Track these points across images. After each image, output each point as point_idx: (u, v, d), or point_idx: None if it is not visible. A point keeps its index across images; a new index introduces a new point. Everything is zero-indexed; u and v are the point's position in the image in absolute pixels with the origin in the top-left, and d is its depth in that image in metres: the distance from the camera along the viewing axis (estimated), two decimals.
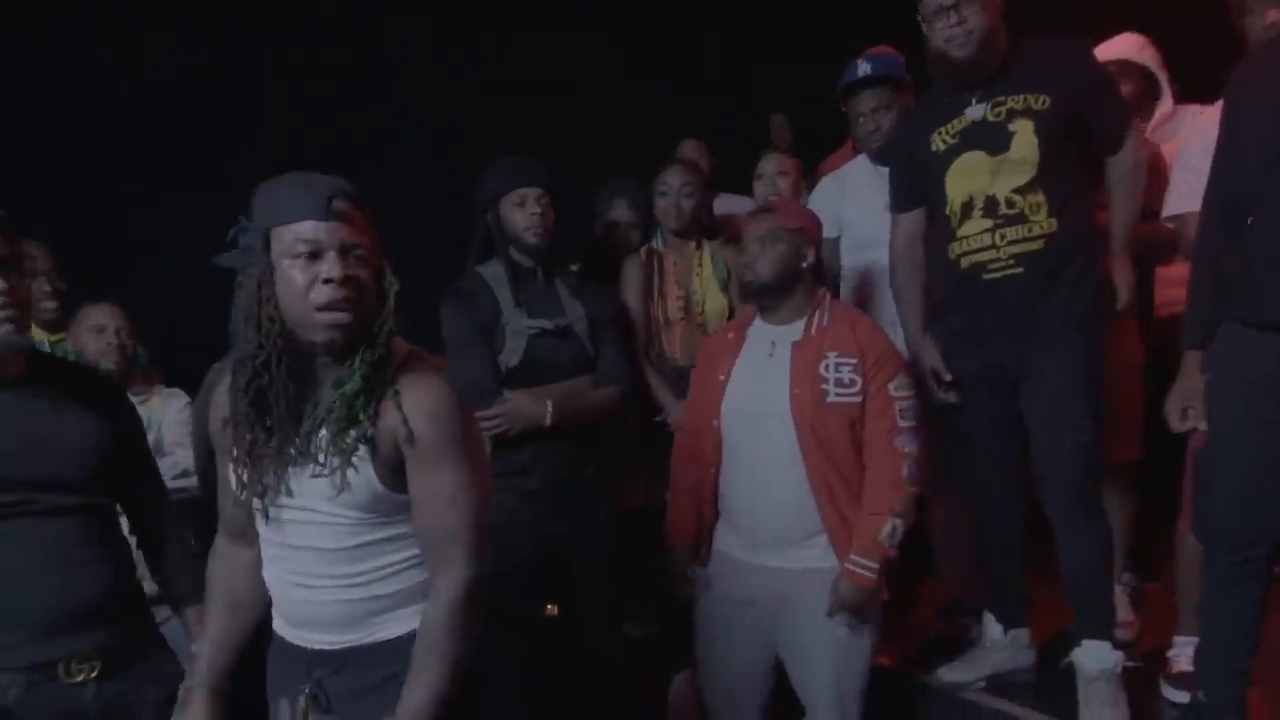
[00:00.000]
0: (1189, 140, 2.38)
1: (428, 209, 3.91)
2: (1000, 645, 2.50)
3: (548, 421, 2.35)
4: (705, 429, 2.22)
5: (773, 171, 2.95)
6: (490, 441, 2.36)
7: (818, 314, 2.18)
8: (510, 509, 2.35)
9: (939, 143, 2.33)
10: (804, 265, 2.18)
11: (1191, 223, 2.21)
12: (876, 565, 2.05)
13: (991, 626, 2.53)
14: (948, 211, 2.33)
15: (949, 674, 2.50)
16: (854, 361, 2.09)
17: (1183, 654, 2.38)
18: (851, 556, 2.06)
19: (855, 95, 2.67)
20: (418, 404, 1.40)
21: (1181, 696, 2.29)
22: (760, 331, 2.24)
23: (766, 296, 2.19)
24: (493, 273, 2.46)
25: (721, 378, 2.21)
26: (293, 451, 1.40)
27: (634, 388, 2.59)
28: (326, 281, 1.35)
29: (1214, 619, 2.06)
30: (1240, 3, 2.22)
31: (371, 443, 1.39)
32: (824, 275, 2.73)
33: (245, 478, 1.43)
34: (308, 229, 1.36)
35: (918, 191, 2.43)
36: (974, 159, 2.27)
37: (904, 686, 2.60)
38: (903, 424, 2.09)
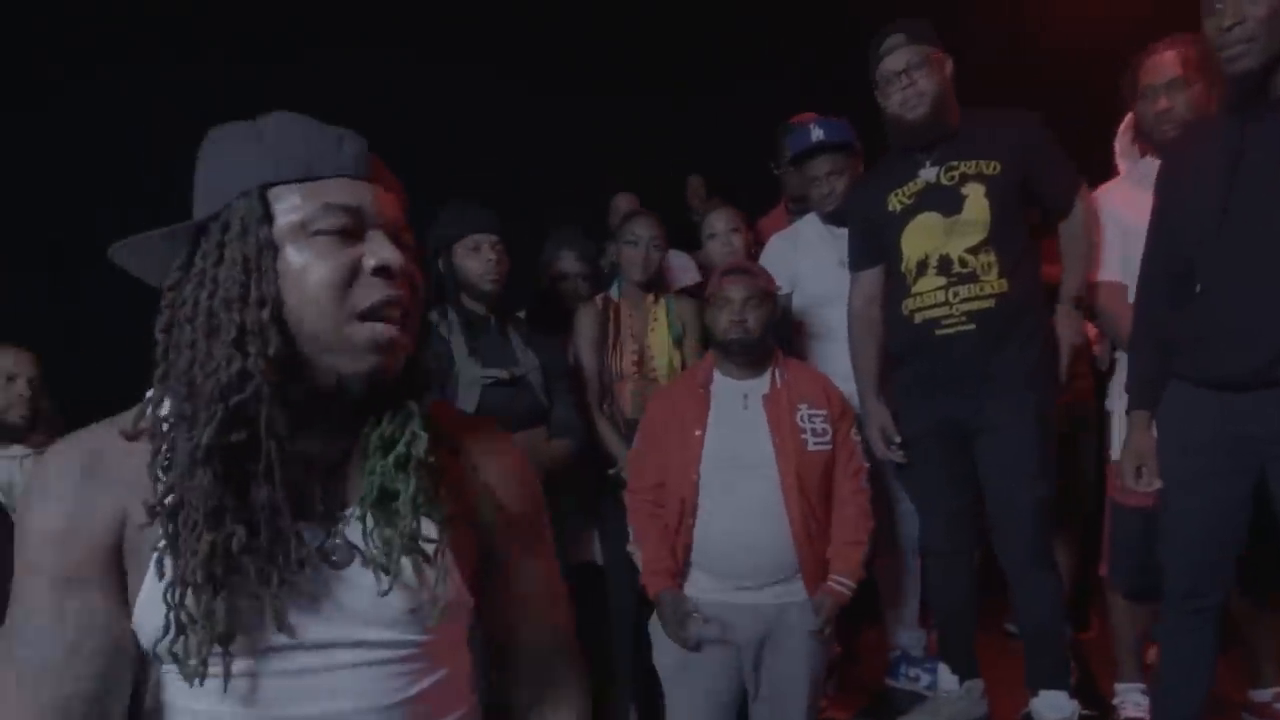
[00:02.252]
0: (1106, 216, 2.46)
1: None
2: (956, 696, 2.50)
3: None
4: (681, 481, 2.21)
5: (725, 229, 2.97)
6: None
7: (778, 369, 2.28)
8: None
9: (895, 203, 2.40)
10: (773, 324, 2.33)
11: (1101, 290, 2.40)
12: (855, 585, 2.19)
13: (946, 678, 2.54)
14: (903, 269, 2.40)
15: None
16: (824, 412, 2.24)
17: (1128, 700, 2.46)
18: (834, 577, 2.18)
19: (811, 160, 2.74)
20: (506, 469, 1.02)
21: None
22: (727, 386, 2.28)
23: (753, 353, 2.26)
24: (444, 320, 2.38)
25: (698, 432, 2.21)
26: (296, 561, 0.85)
27: (586, 440, 2.54)
28: (378, 271, 0.87)
29: (1170, 666, 2.10)
30: (1133, 87, 2.36)
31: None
32: (780, 329, 2.78)
33: (193, 610, 0.83)
34: (342, 190, 0.88)
35: (875, 251, 2.49)
36: (929, 220, 2.35)
37: None
38: (863, 465, 2.30)
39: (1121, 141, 2.69)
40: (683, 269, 3.06)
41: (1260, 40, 1.75)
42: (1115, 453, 2.33)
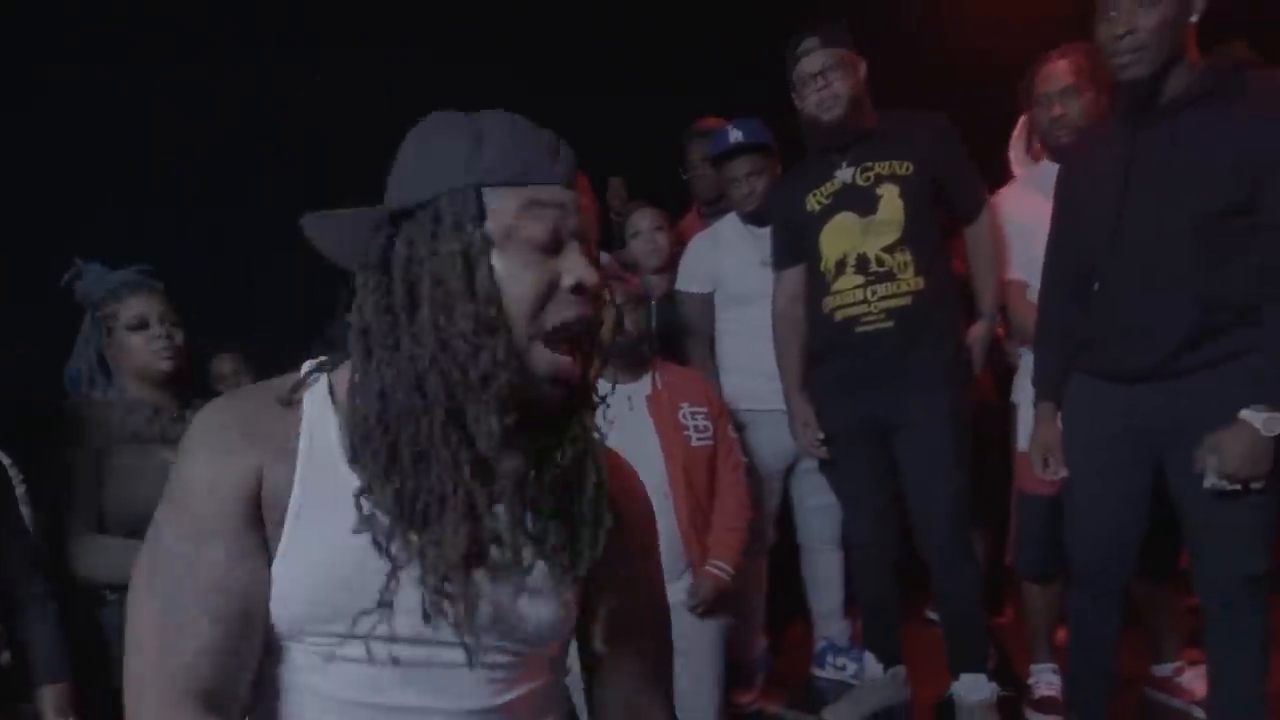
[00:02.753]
0: (1009, 216, 2.55)
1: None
2: (881, 683, 2.57)
3: None
4: None
5: (650, 227, 2.99)
6: None
7: (657, 371, 2.38)
8: None
9: (813, 204, 2.46)
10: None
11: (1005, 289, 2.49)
12: (732, 570, 2.27)
13: (872, 665, 2.60)
14: (823, 268, 2.45)
15: (833, 715, 2.55)
16: (704, 409, 2.36)
17: (1041, 680, 2.55)
18: (712, 561, 2.25)
19: (730, 161, 2.77)
20: (627, 480, 1.03)
21: None
22: (603, 388, 2.30)
23: (632, 356, 2.34)
24: None
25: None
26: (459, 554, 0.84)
27: None
28: (576, 290, 0.85)
29: (1080, 648, 2.20)
30: (1029, 94, 2.45)
31: None
32: (700, 328, 2.81)
33: (383, 585, 0.84)
34: (553, 198, 0.86)
35: (796, 250, 2.54)
36: (846, 220, 2.40)
37: None
38: (742, 460, 2.42)
39: (1016, 146, 2.82)
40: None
41: (1151, 49, 1.82)
42: (1022, 443, 2.42)
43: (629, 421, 2.26)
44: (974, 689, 2.38)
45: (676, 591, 2.20)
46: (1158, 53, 1.82)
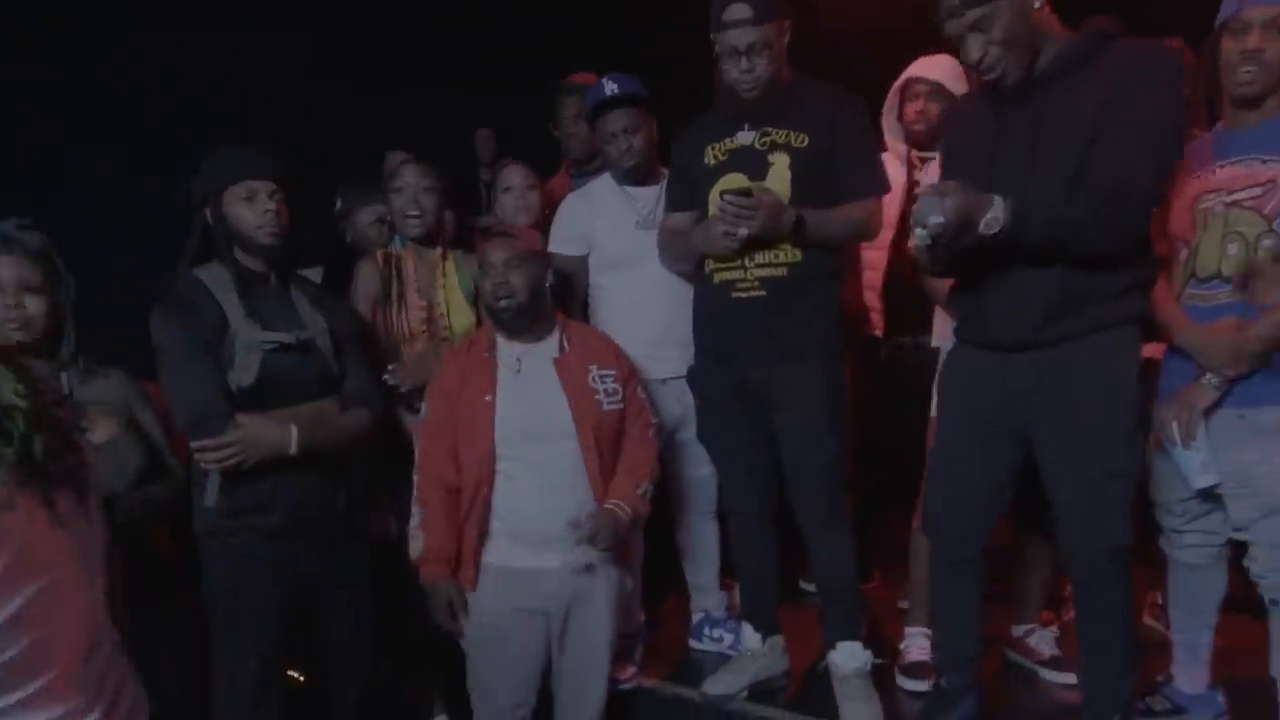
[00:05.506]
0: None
1: (118, 202, 3.30)
2: (759, 654, 2.56)
3: (292, 449, 2.06)
4: (476, 452, 2.18)
5: (522, 184, 2.84)
6: (220, 476, 2.03)
7: (563, 332, 2.29)
8: (248, 552, 2.07)
9: (710, 157, 2.39)
10: (547, 286, 2.30)
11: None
12: (630, 511, 2.21)
13: (750, 636, 2.59)
14: None
15: (713, 686, 2.52)
16: (614, 372, 2.29)
17: (914, 645, 2.60)
18: (612, 500, 2.20)
19: (606, 115, 2.63)
20: None
21: (916, 685, 2.50)
22: (512, 351, 2.28)
23: (523, 318, 2.23)
24: (214, 277, 2.11)
25: (489, 398, 2.19)
26: None
27: (383, 410, 2.35)
28: None
29: (943, 612, 2.26)
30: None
31: None
32: (574, 292, 2.69)
33: None
34: None
35: (689, 199, 2.47)
36: (735, 180, 2.33)
37: (670, 703, 2.60)
38: (653, 421, 2.37)
39: (888, 117, 2.89)
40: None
41: (1006, 61, 1.84)
42: (934, 409, 2.39)
43: (535, 384, 2.22)
44: (850, 657, 2.40)
45: (589, 555, 2.17)
46: (1016, 61, 1.85)
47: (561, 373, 2.23)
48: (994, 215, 1.77)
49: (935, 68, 2.81)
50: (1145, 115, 1.78)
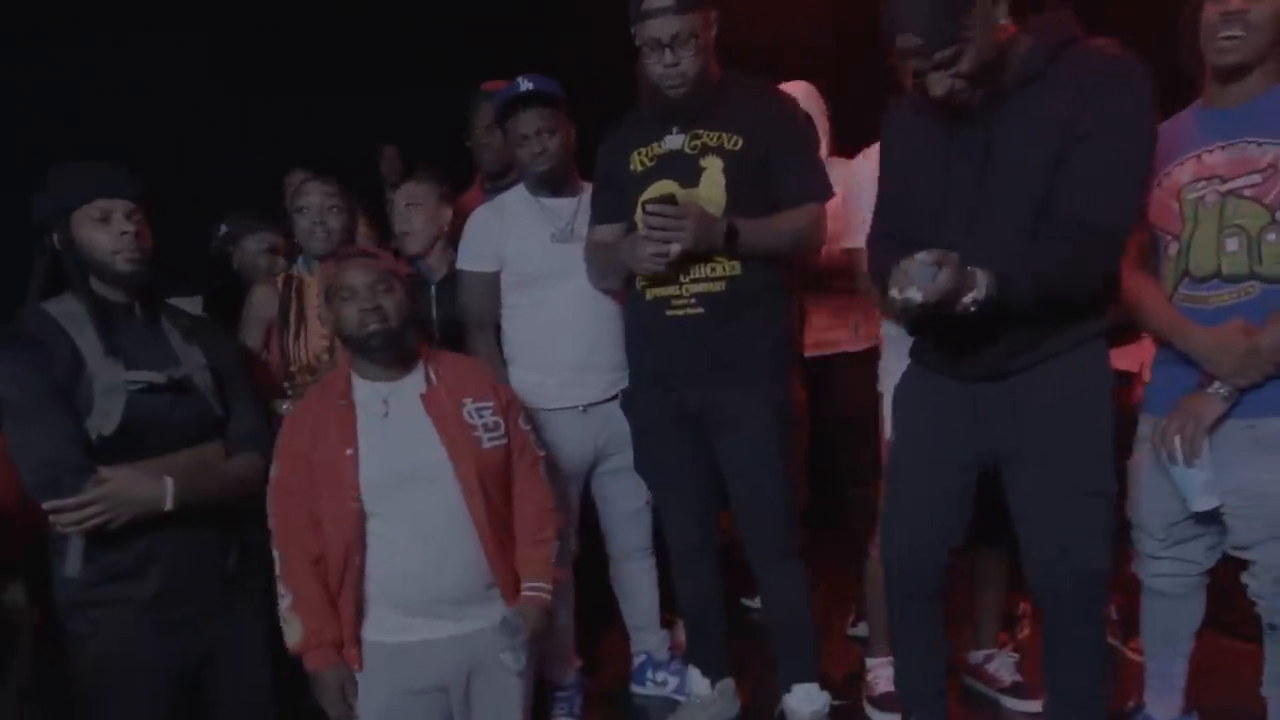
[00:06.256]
0: (862, 183, 2.30)
1: None
2: (709, 699, 2.37)
3: (168, 504, 1.78)
4: (340, 514, 1.84)
5: (431, 199, 2.59)
6: (82, 540, 1.74)
7: (429, 363, 1.98)
8: (121, 626, 1.78)
9: (637, 164, 2.19)
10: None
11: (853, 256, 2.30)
12: (550, 587, 1.97)
13: (698, 681, 2.39)
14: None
15: None
16: (490, 404, 1.98)
17: (880, 676, 2.43)
18: (529, 584, 1.95)
19: (517, 115, 2.38)
20: None
21: (888, 719, 2.33)
22: (372, 392, 1.92)
23: (394, 348, 1.92)
24: (66, 311, 1.81)
25: (349, 451, 1.84)
26: None
27: None
28: None
29: (906, 649, 2.08)
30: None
31: None
32: (484, 314, 2.44)
33: None
34: None
35: (616, 209, 2.26)
36: (665, 188, 2.13)
37: None
38: (539, 454, 2.06)
39: None
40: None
41: (971, 91, 1.67)
42: (889, 433, 2.25)
43: (401, 427, 1.88)
44: (806, 700, 2.24)
45: (486, 615, 1.89)
46: (983, 85, 1.68)
47: (431, 409, 1.91)
48: (975, 296, 1.60)
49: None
50: (1121, 143, 1.64)
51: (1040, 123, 1.67)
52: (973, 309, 1.60)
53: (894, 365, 2.30)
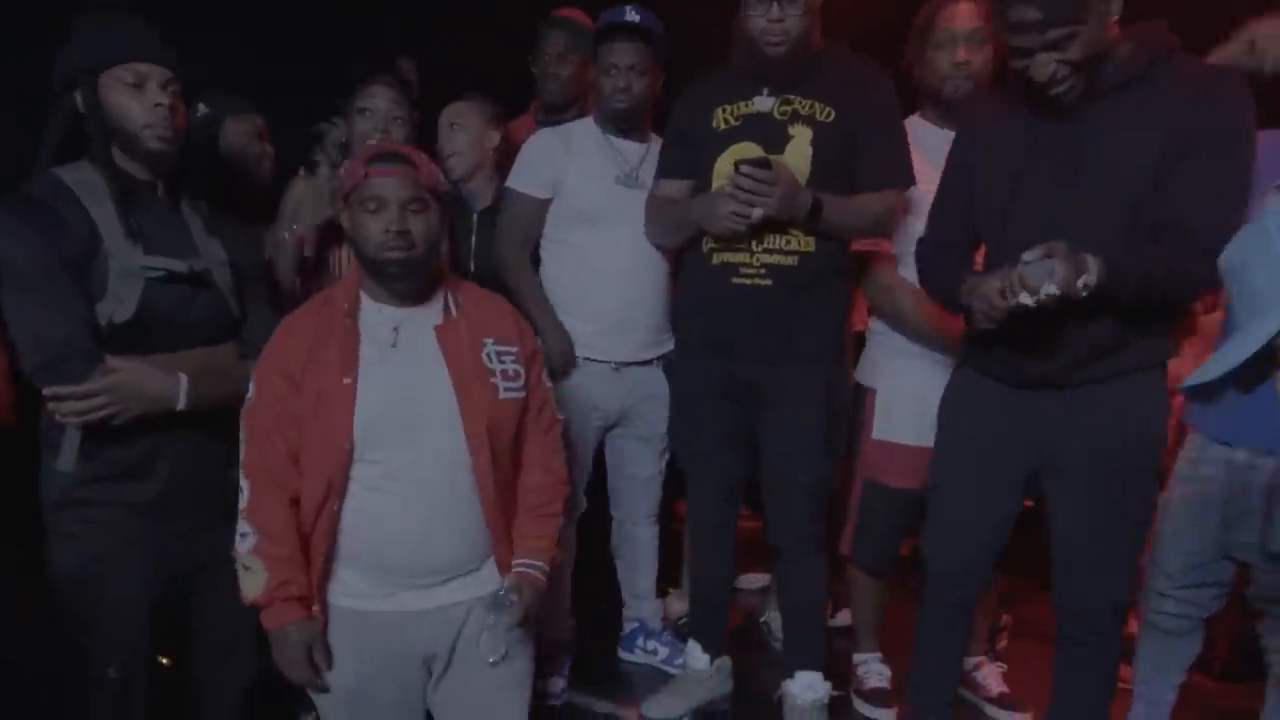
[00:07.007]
0: None
1: None
2: (705, 675, 2.29)
3: (180, 403, 1.64)
4: (326, 452, 1.57)
5: (480, 121, 2.42)
6: (80, 432, 1.59)
7: (451, 293, 1.70)
8: (111, 530, 1.65)
9: (720, 121, 2.06)
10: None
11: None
12: (549, 568, 1.73)
13: (698, 656, 2.31)
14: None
15: (653, 710, 2.25)
16: (514, 350, 1.70)
17: (870, 671, 2.40)
18: (524, 560, 1.70)
19: (613, 44, 2.20)
20: None
21: (880, 714, 2.30)
22: (382, 317, 1.65)
23: (416, 278, 1.64)
24: (83, 181, 1.63)
25: (347, 381, 1.58)
26: None
27: None
28: None
29: (929, 651, 2.04)
30: (925, 35, 2.17)
31: None
32: (525, 239, 2.30)
33: None
34: None
35: (687, 165, 2.14)
36: (746, 150, 2.00)
37: None
38: (558, 419, 1.82)
39: None
40: None
41: (1075, 80, 1.61)
42: (877, 431, 2.24)
43: (409, 361, 1.62)
44: (808, 688, 2.17)
45: (474, 586, 1.67)
46: (1087, 77, 1.63)
47: (445, 344, 1.64)
48: (1087, 280, 1.52)
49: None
50: (1230, 160, 1.60)
51: (1140, 126, 1.62)
52: (1084, 293, 1.53)
53: (879, 359, 2.28)
